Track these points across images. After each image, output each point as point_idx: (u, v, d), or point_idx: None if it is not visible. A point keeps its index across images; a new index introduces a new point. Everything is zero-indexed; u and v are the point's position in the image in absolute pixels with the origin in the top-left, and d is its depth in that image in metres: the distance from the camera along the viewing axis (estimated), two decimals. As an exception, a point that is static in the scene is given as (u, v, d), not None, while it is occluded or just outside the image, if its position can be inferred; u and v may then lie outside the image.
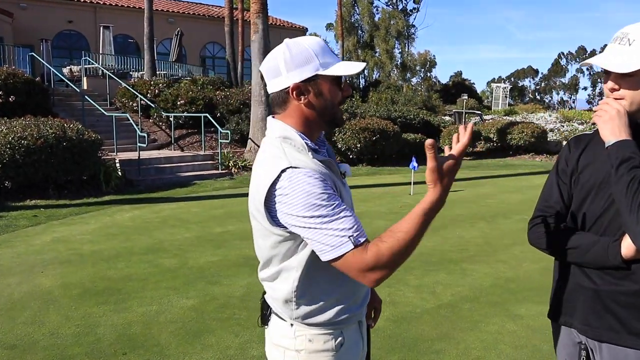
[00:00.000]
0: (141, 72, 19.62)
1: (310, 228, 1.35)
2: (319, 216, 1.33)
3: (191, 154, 13.34)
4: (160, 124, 15.24)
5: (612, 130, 1.55)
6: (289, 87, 1.45)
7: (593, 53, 56.43)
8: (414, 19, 54.75)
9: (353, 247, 1.32)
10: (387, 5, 47.10)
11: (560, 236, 1.71)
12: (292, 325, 1.55)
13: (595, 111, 1.66)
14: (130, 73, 19.92)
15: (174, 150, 14.00)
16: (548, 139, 20.21)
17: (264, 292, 1.65)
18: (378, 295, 1.93)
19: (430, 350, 3.62)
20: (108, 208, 8.70)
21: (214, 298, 4.56)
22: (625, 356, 1.60)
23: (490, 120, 22.63)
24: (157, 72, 19.38)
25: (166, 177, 11.60)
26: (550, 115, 25.97)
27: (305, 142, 1.46)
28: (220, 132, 13.22)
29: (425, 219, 1.34)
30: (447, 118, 24.11)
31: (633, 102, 1.56)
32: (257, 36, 13.54)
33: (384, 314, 4.22)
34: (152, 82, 16.35)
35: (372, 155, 15.38)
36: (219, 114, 15.30)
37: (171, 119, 14.42)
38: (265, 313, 1.65)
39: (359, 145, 14.74)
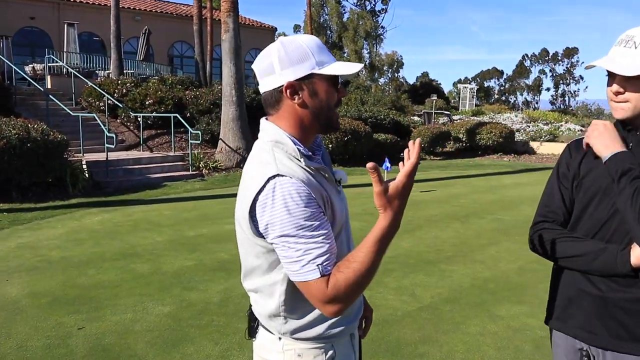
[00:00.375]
0: (108, 71, 19.13)
1: (283, 245, 1.30)
2: (294, 235, 1.28)
3: (161, 155, 13.07)
4: (129, 124, 14.89)
5: (604, 144, 1.56)
6: (282, 85, 1.38)
7: (555, 55, 57.84)
8: (382, 19, 55.09)
9: (319, 276, 1.27)
10: (355, 6, 47.30)
11: (564, 243, 1.68)
12: (280, 339, 1.49)
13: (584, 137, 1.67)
14: (97, 72, 19.41)
15: (143, 151, 13.69)
16: (515, 139, 20.61)
17: (251, 304, 1.58)
18: (369, 304, 1.87)
19: (414, 353, 3.59)
20: (75, 211, 8.42)
21: (190, 304, 4.43)
22: None
23: (459, 121, 22.94)
24: (125, 71, 18.94)
25: (135, 178, 11.33)
26: (516, 116, 26.52)
27: (298, 148, 1.38)
28: (191, 133, 12.99)
29: (379, 246, 1.28)
30: (417, 118, 24.33)
31: (637, 105, 1.55)
32: (227, 35, 13.35)
33: (365, 317, 4.17)
34: (119, 82, 15.96)
35: (343, 156, 15.37)
36: (188, 114, 15.04)
37: (139, 119, 14.10)
38: (252, 325, 1.58)
39: (330, 145, 14.71)
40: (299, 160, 1.38)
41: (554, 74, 58.14)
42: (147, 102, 14.81)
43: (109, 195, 9.84)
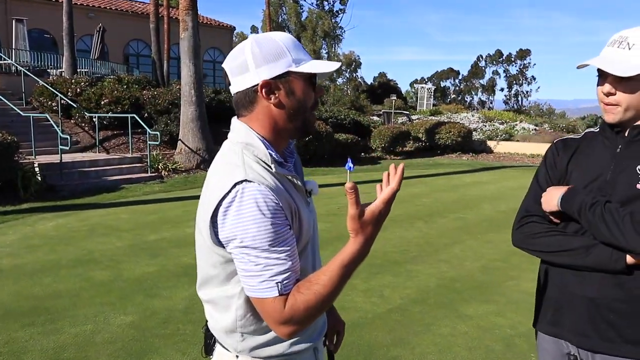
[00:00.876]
0: (60, 70, 18.46)
1: (243, 256, 1.21)
2: (255, 248, 1.19)
3: (118, 157, 12.67)
4: (83, 124, 14.37)
5: (549, 199, 1.67)
6: (257, 84, 1.30)
7: (509, 57, 59.43)
8: (341, 20, 55.31)
9: (277, 295, 1.20)
10: (314, 6, 47.35)
11: (554, 237, 1.65)
12: (237, 357, 1.40)
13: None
14: (48, 70, 18.71)
15: (99, 152, 13.24)
16: (473, 139, 21.03)
17: (207, 320, 1.48)
18: (341, 317, 1.80)
19: (386, 357, 3.55)
20: (28, 217, 8.04)
21: (154, 312, 4.26)
22: None
23: (418, 121, 23.25)
24: (78, 70, 18.30)
25: (91, 181, 10.94)
26: (473, 115, 27.09)
27: (270, 152, 1.30)
28: (149, 134, 12.65)
29: (344, 271, 1.22)
30: (376, 118, 24.53)
31: (629, 107, 1.54)
32: (186, 34, 13.07)
33: (335, 321, 4.12)
34: (72, 81, 15.40)
35: (305, 156, 15.30)
36: (146, 115, 14.65)
37: (95, 119, 13.63)
38: (208, 342, 1.48)
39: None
40: (270, 166, 1.29)
41: (508, 75, 59.71)
42: (102, 102, 14.35)
43: (64, 199, 9.46)
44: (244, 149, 1.31)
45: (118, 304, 4.44)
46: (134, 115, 13.06)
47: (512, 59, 59.06)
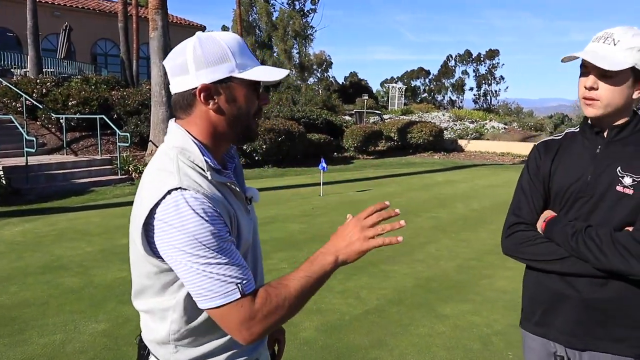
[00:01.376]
0: (25, 70, 17.98)
1: (189, 267, 1.14)
2: (202, 255, 1.13)
3: (87, 159, 12.38)
4: (50, 126, 13.99)
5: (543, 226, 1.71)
6: (196, 88, 1.23)
7: (479, 56, 60.29)
8: (312, 19, 55.30)
9: (240, 296, 1.15)
10: (285, 5, 47.18)
11: (542, 245, 1.67)
12: None
13: None
14: (12, 70, 18.19)
15: (67, 154, 12.90)
16: (444, 138, 21.28)
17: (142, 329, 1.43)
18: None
19: (365, 359, 3.53)
20: (-8, 222, 7.78)
21: (127, 320, 4.15)
22: None
23: (390, 120, 23.42)
24: (44, 70, 17.86)
25: (59, 184, 10.65)
26: (443, 115, 27.40)
27: (206, 159, 1.24)
28: (119, 135, 12.39)
29: (317, 283, 1.24)
30: (348, 118, 24.59)
31: (609, 104, 1.56)
32: (156, 33, 12.86)
33: (312, 323, 4.09)
34: (38, 81, 14.99)
35: (277, 157, 15.23)
36: (115, 116, 14.38)
37: (62, 121, 13.28)
38: (142, 353, 1.41)
39: (264, 146, 14.52)
40: (205, 173, 1.23)
41: (477, 74, 60.58)
42: (70, 103, 14.01)
43: (30, 203, 9.18)
44: (179, 154, 1.24)
45: (89, 311, 4.31)
46: (103, 117, 12.78)
47: (482, 59, 59.95)
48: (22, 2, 19.58)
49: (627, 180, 1.56)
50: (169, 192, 1.16)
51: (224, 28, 51.33)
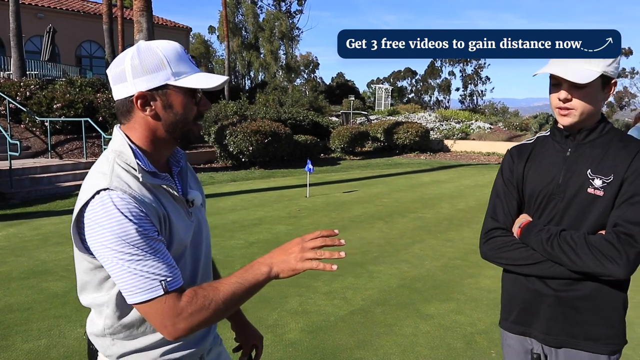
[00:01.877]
0: (8, 72, 17.80)
1: (116, 264, 1.20)
2: (127, 253, 1.19)
3: (72, 162, 12.28)
4: (34, 129, 13.85)
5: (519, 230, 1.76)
6: (133, 95, 1.30)
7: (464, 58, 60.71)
8: (298, 21, 55.33)
9: (163, 292, 1.20)
10: (271, 7, 47.15)
11: (518, 251, 1.71)
12: None
13: None
14: (-5, 73, 17.98)
15: (52, 158, 12.80)
16: (430, 138, 21.40)
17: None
18: (258, 331, 1.80)
19: (350, 359, 3.56)
20: (-25, 227, 7.70)
21: (112, 323, 4.14)
22: (580, 359, 1.67)
23: (377, 121, 23.51)
24: (28, 72, 17.69)
25: (44, 188, 10.57)
26: (430, 115, 27.56)
27: (138, 162, 1.30)
28: (104, 137, 12.32)
29: (248, 291, 1.26)
30: (335, 119, 24.64)
31: (583, 112, 1.61)
32: (141, 35, 12.79)
33: (298, 325, 4.11)
34: (22, 83, 14.85)
35: (264, 158, 15.23)
36: (101, 118, 14.28)
37: (47, 124, 13.17)
38: (91, 347, 1.45)
39: (251, 148, 14.51)
40: (137, 175, 1.29)
41: (464, 75, 61.01)
42: (54, 106, 13.88)
43: (14, 208, 9.09)
44: (116, 157, 1.31)
45: (74, 316, 4.30)
46: (88, 119, 12.69)
47: (468, 60, 60.36)
48: (4, 4, 19.41)
49: (597, 182, 1.61)
50: (97, 192, 1.22)
51: (211, 29, 51.19)
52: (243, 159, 14.88)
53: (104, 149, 12.22)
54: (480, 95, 60.57)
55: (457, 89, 62.03)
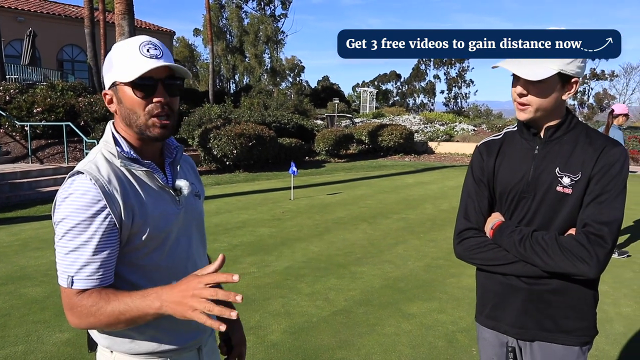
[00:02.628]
0: (-13, 77, 17.52)
1: (57, 243, 1.31)
2: (62, 235, 1.28)
3: (53, 167, 12.14)
4: (14, 134, 13.67)
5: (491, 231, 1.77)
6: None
7: (450, 60, 61.20)
8: (283, 24, 55.35)
9: (65, 286, 1.29)
10: (255, 11, 47.12)
11: (491, 252, 1.72)
12: (112, 352, 1.44)
13: None
14: (-27, 78, 17.70)
15: (32, 163, 12.64)
16: (415, 140, 21.51)
17: None
18: (244, 334, 1.83)
19: (332, 359, 3.56)
20: (-47, 233, 7.56)
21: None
22: (553, 352, 1.69)
23: (361, 124, 23.55)
24: (7, 77, 17.45)
25: (24, 193, 10.42)
26: (414, 117, 27.71)
27: (117, 148, 1.38)
28: (86, 142, 12.21)
29: (134, 318, 1.27)
30: (320, 122, 24.66)
31: (539, 108, 1.62)
32: (122, 39, 12.70)
33: (280, 326, 4.10)
34: (1, 88, 14.65)
35: (248, 161, 15.19)
36: (82, 122, 14.14)
37: (27, 128, 13.01)
38: (90, 337, 1.50)
39: (235, 151, 14.46)
40: (117, 161, 1.36)
41: (448, 77, 61.44)
42: (35, 110, 13.72)
43: (-6, 213, 8.96)
44: (102, 147, 1.41)
45: (53, 321, 4.23)
46: (69, 124, 12.56)
47: (452, 62, 60.81)
48: (-17, 8, 19.15)
49: (566, 180, 1.62)
50: (71, 176, 1.33)
51: (196, 31, 50.95)
52: (227, 162, 14.82)
53: (86, 153, 12.12)
54: (464, 97, 61.04)
55: (442, 92, 62.50)
